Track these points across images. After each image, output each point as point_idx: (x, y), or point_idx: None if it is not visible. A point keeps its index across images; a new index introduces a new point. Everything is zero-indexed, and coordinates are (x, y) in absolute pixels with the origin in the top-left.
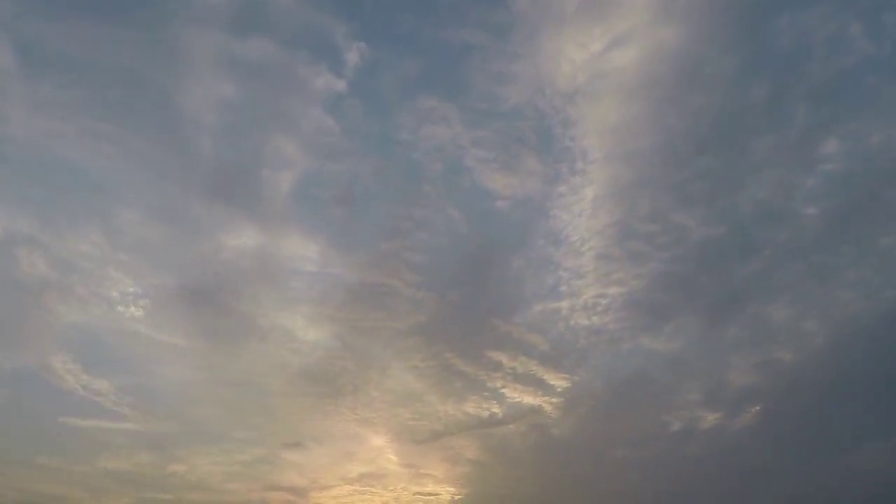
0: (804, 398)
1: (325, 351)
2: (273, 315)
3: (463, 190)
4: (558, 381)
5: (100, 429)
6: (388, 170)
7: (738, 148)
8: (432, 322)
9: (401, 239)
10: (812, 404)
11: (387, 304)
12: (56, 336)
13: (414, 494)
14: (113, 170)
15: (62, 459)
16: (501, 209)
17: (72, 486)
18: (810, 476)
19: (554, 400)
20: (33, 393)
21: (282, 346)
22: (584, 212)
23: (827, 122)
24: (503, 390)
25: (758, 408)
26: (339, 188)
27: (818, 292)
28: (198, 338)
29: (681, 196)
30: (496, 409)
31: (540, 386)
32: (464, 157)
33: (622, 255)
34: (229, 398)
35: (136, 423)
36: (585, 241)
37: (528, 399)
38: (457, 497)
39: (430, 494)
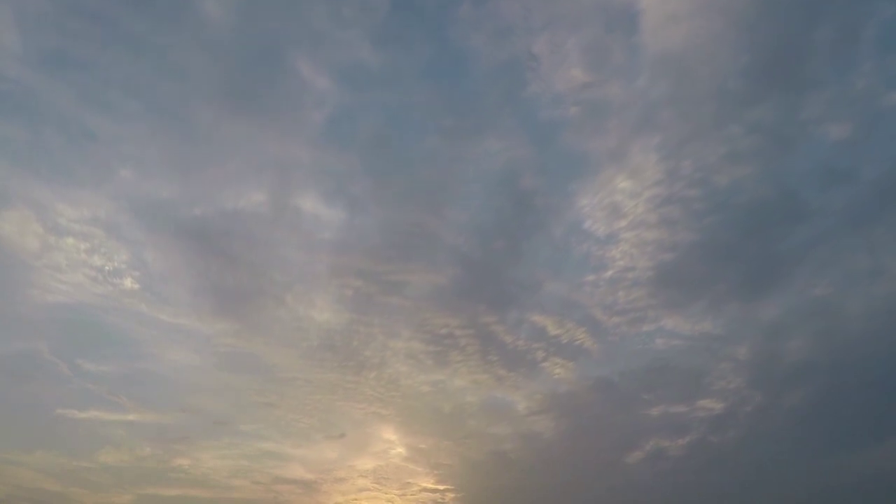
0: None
1: (348, 315)
2: (291, 272)
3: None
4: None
5: (100, 421)
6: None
7: (795, 98)
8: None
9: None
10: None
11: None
12: (48, 315)
13: (420, 491)
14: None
15: (61, 454)
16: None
17: (71, 483)
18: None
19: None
20: (26, 382)
21: (300, 309)
22: None
23: None
24: (544, 364)
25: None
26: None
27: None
28: (205, 313)
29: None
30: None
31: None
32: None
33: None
34: (237, 385)
35: (138, 414)
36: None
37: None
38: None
39: (435, 490)
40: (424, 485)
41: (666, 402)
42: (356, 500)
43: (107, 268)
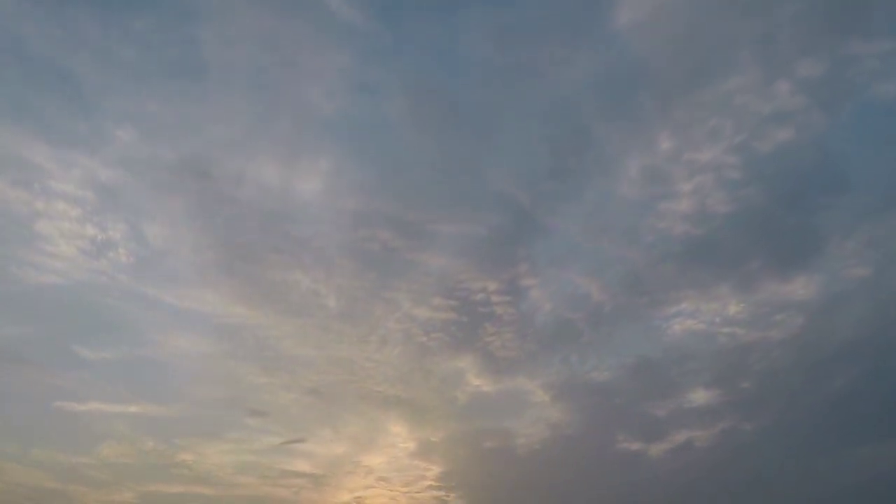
0: None
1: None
2: (308, 228)
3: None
4: None
5: (100, 413)
6: None
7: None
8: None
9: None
10: None
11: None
12: (40, 296)
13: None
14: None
15: (59, 450)
16: None
17: (71, 480)
18: None
19: None
20: (20, 371)
21: (317, 270)
22: None
23: None
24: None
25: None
26: None
27: None
28: (212, 291)
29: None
30: None
31: None
32: None
33: None
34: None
35: (140, 406)
36: None
37: None
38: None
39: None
40: (430, 482)
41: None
42: (363, 497)
43: (100, 238)
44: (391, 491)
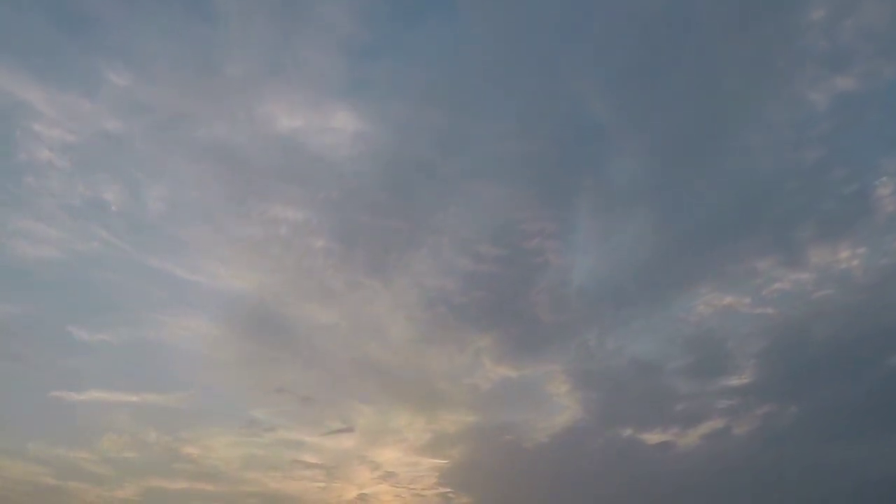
0: None
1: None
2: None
3: None
4: None
5: (99, 403)
6: None
7: None
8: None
9: None
10: None
11: None
12: (29, 269)
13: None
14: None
15: (57, 444)
16: None
17: (69, 476)
18: None
19: None
20: (12, 355)
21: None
22: None
23: None
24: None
25: None
26: None
27: None
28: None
29: None
30: None
31: None
32: None
33: None
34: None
35: (142, 395)
36: None
37: None
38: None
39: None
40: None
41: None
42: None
43: (96, 199)
44: (396, 488)
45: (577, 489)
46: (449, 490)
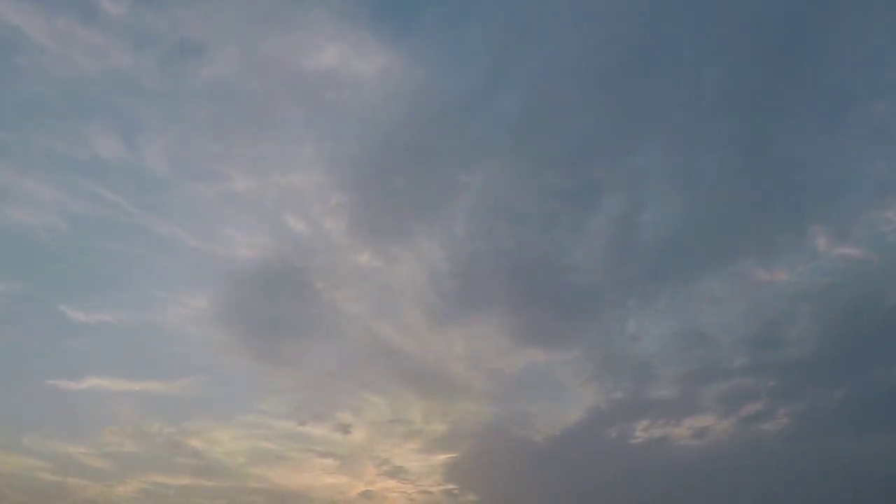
0: None
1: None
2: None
3: None
4: None
5: (99, 393)
6: None
7: None
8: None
9: None
10: None
11: None
12: (16, 238)
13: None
14: None
15: (54, 437)
16: None
17: (68, 471)
18: None
19: None
20: (3, 342)
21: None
22: None
23: None
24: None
25: None
26: None
27: None
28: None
29: None
30: None
31: None
32: None
33: None
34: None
35: (144, 384)
36: None
37: None
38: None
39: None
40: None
41: None
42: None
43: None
44: (403, 484)
45: (591, 490)
46: (454, 487)
